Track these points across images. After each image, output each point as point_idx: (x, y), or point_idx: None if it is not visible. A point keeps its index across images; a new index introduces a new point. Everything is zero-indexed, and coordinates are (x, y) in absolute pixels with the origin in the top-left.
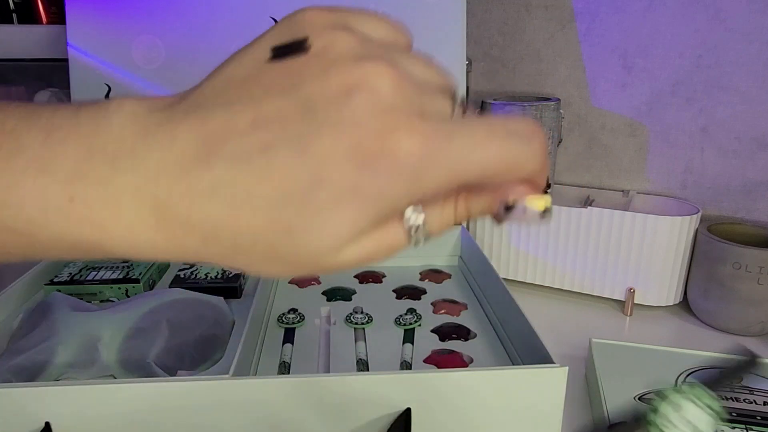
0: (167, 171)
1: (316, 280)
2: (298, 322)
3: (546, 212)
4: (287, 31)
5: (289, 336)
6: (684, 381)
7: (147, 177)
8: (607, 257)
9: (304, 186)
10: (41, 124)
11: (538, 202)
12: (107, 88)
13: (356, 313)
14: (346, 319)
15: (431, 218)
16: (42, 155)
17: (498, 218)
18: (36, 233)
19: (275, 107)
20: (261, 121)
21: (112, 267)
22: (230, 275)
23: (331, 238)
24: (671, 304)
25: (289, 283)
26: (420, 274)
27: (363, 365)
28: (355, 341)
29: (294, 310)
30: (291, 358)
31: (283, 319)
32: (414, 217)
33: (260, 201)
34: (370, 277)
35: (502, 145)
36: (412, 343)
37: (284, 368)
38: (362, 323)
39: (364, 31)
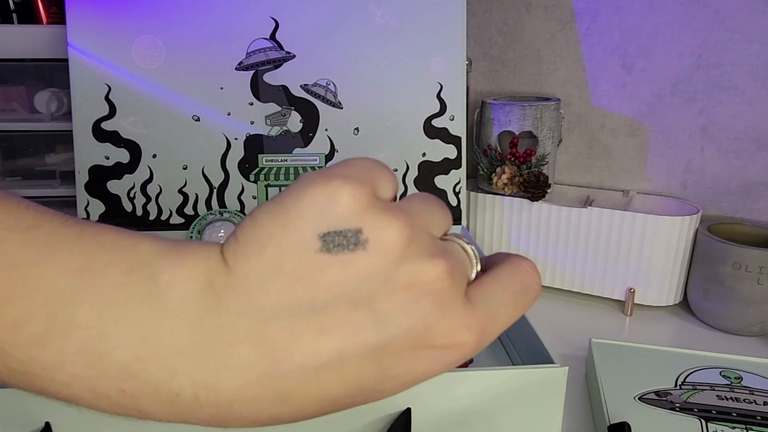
0: (227, 377)
1: None
2: None
3: None
4: (332, 214)
5: None
6: (684, 381)
7: (206, 384)
8: (607, 257)
9: (374, 383)
10: (103, 296)
11: None
12: (107, 88)
13: None
14: None
15: None
16: (96, 341)
17: None
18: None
19: (343, 313)
20: (329, 328)
21: None
22: None
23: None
24: (671, 304)
25: None
26: None
27: None
28: None
29: None
30: None
31: None
32: None
33: (328, 399)
34: None
35: (523, 308)
36: None
37: None
38: None
39: (409, 207)
